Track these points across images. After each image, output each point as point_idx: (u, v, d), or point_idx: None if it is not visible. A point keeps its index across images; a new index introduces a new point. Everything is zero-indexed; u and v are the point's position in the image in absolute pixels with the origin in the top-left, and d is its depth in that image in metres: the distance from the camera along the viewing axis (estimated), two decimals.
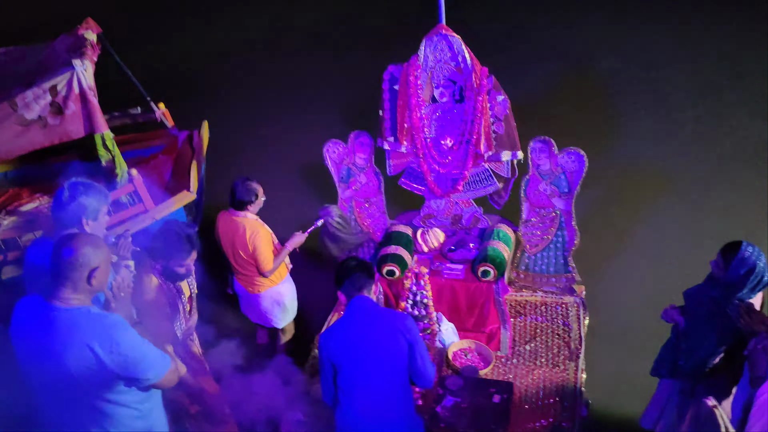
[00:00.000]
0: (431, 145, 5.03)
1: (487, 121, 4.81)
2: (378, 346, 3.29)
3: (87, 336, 2.68)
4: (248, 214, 4.58)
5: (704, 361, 3.32)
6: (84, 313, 2.73)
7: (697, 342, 3.38)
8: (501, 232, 5.06)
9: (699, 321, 3.40)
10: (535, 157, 4.87)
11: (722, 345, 3.25)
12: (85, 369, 2.71)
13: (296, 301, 4.96)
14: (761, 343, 2.74)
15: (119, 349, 2.70)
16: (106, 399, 2.82)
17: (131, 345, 2.74)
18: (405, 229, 5.26)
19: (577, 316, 5.13)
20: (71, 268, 2.69)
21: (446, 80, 4.80)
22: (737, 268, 3.23)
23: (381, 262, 4.93)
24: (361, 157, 5.28)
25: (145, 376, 2.80)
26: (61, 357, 2.69)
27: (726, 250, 3.32)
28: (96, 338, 2.68)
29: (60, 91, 4.79)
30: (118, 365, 2.72)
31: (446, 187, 5.16)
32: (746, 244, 3.28)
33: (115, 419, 2.88)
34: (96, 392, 2.79)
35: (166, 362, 2.88)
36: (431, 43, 4.69)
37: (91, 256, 2.72)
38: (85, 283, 2.73)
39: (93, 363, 2.70)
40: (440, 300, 4.90)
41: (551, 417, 4.32)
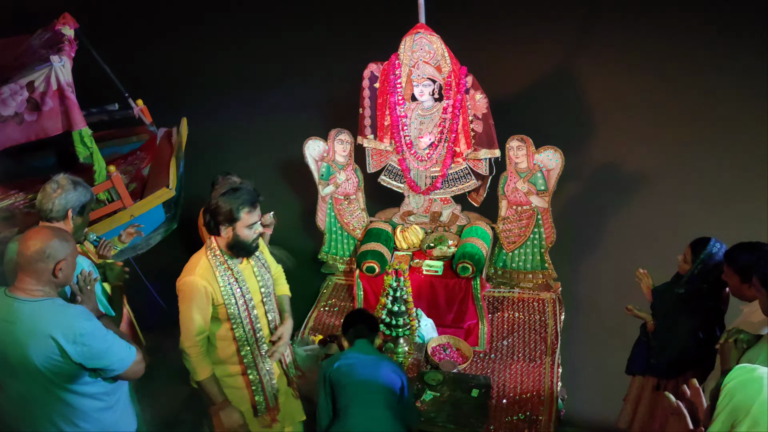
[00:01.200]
0: (411, 143, 5.07)
1: (466, 119, 4.86)
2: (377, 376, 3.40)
3: (50, 327, 2.68)
4: None
5: (675, 358, 3.40)
6: (48, 305, 2.73)
7: (666, 339, 3.46)
8: (479, 230, 5.12)
9: (668, 318, 3.48)
10: (513, 155, 4.94)
11: (691, 341, 3.33)
12: (49, 360, 2.70)
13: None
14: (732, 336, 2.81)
15: (83, 339, 2.70)
16: (71, 390, 2.82)
17: (95, 336, 2.74)
18: (384, 226, 5.30)
19: (553, 312, 5.22)
20: (37, 259, 2.70)
21: (426, 79, 4.84)
22: (707, 261, 3.31)
23: (361, 258, 4.96)
24: (341, 155, 5.30)
25: (109, 366, 2.80)
26: (25, 348, 2.69)
27: (696, 244, 3.41)
28: (60, 329, 2.68)
29: (37, 87, 4.73)
30: (82, 356, 2.71)
31: (425, 185, 5.20)
32: (714, 239, 3.37)
33: (81, 411, 2.87)
34: (61, 383, 2.78)
35: (132, 353, 2.87)
36: (411, 42, 4.73)
37: (58, 249, 2.74)
38: (50, 276, 2.74)
39: (57, 354, 2.69)
40: (419, 296, 4.95)
41: (528, 411, 4.38)
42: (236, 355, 3.32)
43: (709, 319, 3.35)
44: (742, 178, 6.51)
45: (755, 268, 2.77)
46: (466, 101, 4.81)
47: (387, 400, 3.38)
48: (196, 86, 9.28)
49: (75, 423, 2.89)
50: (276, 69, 9.59)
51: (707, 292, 3.35)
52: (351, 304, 5.37)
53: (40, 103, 4.77)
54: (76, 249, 2.90)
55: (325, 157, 5.34)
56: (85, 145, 5.00)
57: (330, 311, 5.43)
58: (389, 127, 5.05)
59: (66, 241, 2.79)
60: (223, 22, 11.28)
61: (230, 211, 3.09)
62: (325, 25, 10.67)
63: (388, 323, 4.39)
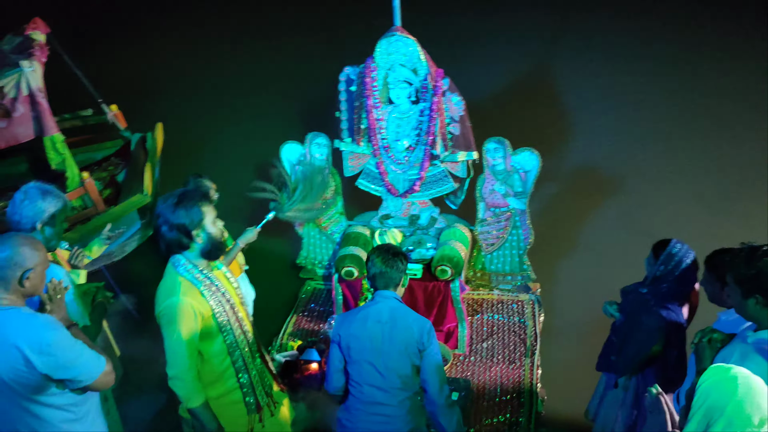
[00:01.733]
0: (388, 146, 5.06)
1: (442, 122, 4.86)
2: (391, 344, 3.21)
3: (15, 337, 2.62)
4: None
5: (632, 357, 3.42)
6: (14, 314, 2.67)
7: (626, 338, 3.48)
8: (458, 232, 5.12)
9: (629, 318, 3.50)
10: (490, 157, 4.94)
11: (649, 342, 3.34)
12: (14, 371, 2.64)
13: (252, 304, 4.92)
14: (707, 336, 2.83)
15: (49, 349, 2.63)
16: (38, 401, 2.75)
17: (62, 346, 2.68)
18: (363, 230, 5.28)
19: (532, 314, 5.23)
20: (4, 266, 2.64)
21: (402, 82, 4.83)
22: (666, 262, 3.32)
23: (339, 263, 4.94)
24: (318, 159, 5.28)
25: (77, 377, 2.73)
26: None
27: (657, 245, 3.41)
28: (25, 339, 2.62)
29: (7, 93, 4.68)
30: (48, 366, 2.65)
31: (403, 188, 5.19)
32: (676, 240, 3.36)
33: (48, 422, 2.81)
34: (26, 394, 2.72)
35: (101, 364, 2.80)
36: (387, 45, 4.72)
37: (27, 257, 2.68)
38: (17, 284, 2.68)
39: (21, 364, 2.63)
40: None
41: (508, 413, 4.39)
42: (231, 367, 3.20)
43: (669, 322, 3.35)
44: (720, 179, 6.59)
45: (728, 267, 2.78)
46: (442, 104, 4.81)
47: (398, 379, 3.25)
48: (172, 91, 9.21)
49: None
50: (252, 73, 9.55)
51: (669, 293, 3.35)
52: (330, 309, 5.34)
53: (11, 109, 4.72)
54: (47, 259, 2.83)
55: (302, 161, 5.31)
56: (57, 151, 4.95)
57: (309, 316, 5.40)
58: (366, 131, 5.03)
59: (36, 250, 2.73)
60: (199, 26, 11.23)
61: (196, 213, 2.97)
62: (301, 29, 10.66)
63: None
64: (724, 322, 3.15)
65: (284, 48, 10.15)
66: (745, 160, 6.75)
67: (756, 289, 2.61)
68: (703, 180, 6.60)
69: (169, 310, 2.95)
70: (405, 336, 3.19)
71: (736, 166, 6.68)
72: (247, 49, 10.28)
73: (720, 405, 2.13)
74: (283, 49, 10.13)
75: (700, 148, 7.05)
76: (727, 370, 2.20)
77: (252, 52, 10.15)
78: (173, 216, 2.94)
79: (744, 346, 2.65)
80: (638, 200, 6.42)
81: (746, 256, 2.68)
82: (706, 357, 2.74)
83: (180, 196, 2.97)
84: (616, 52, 9.09)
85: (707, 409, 2.16)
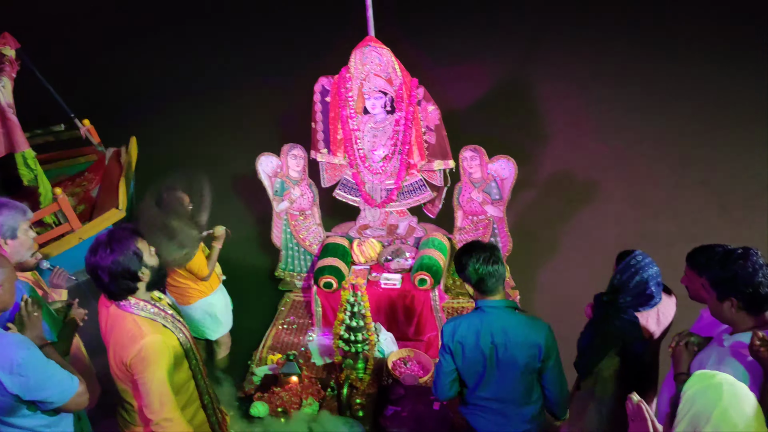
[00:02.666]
0: (364, 156, 5.06)
1: (418, 131, 4.87)
2: (509, 348, 3.11)
3: None
4: None
5: (589, 361, 3.40)
6: None
7: (584, 342, 3.48)
8: (436, 241, 5.12)
9: (592, 322, 3.49)
10: (467, 165, 4.96)
11: (604, 347, 3.31)
12: None
13: (230, 313, 4.88)
14: (683, 340, 2.84)
15: (20, 370, 2.58)
16: (9, 423, 2.69)
17: (34, 366, 2.62)
18: (341, 241, 5.26)
19: None
20: None
21: (377, 92, 4.84)
22: (623, 272, 3.29)
23: (318, 274, 4.92)
24: (294, 170, 5.26)
25: (49, 399, 2.68)
26: None
27: (619, 255, 3.38)
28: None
29: None
30: (20, 387, 2.59)
31: (381, 198, 5.19)
32: (639, 252, 3.32)
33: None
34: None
35: (74, 385, 2.74)
36: (361, 55, 4.73)
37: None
38: None
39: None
40: (378, 310, 4.92)
41: None
42: (195, 391, 3.14)
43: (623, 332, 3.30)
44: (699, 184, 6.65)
45: (705, 269, 2.79)
46: (418, 113, 4.82)
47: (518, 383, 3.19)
48: (145, 104, 9.15)
49: None
50: (226, 84, 9.52)
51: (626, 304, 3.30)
52: (309, 322, 5.31)
53: None
54: (14, 274, 2.77)
55: (278, 172, 5.29)
56: (28, 167, 4.87)
57: (289, 329, 5.35)
58: (342, 141, 5.03)
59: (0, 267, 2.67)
60: (171, 37, 11.18)
61: (133, 255, 2.82)
62: (276, 40, 10.65)
63: (347, 339, 4.34)
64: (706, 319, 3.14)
65: (259, 59, 10.14)
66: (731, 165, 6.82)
67: (731, 292, 2.63)
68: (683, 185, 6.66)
69: (145, 352, 2.81)
70: (523, 349, 3.11)
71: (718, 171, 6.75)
72: (221, 60, 10.25)
73: (706, 412, 2.13)
74: (258, 60, 10.12)
75: (679, 154, 7.13)
76: (712, 376, 2.20)
77: (226, 64, 10.13)
78: (113, 266, 2.79)
79: (720, 349, 2.66)
80: (616, 206, 6.47)
81: (721, 258, 2.70)
82: (684, 361, 2.75)
83: (110, 244, 2.80)
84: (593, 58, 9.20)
85: (693, 416, 2.15)
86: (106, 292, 2.90)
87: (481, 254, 3.12)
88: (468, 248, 3.19)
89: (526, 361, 3.12)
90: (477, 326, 3.13)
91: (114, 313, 2.90)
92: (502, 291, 3.19)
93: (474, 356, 3.15)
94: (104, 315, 2.96)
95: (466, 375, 3.24)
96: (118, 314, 2.89)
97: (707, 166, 6.83)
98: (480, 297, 3.19)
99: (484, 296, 3.17)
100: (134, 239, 2.86)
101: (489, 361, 3.15)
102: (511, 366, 3.14)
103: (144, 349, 2.81)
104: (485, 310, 3.15)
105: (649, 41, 9.43)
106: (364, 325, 4.32)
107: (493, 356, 3.13)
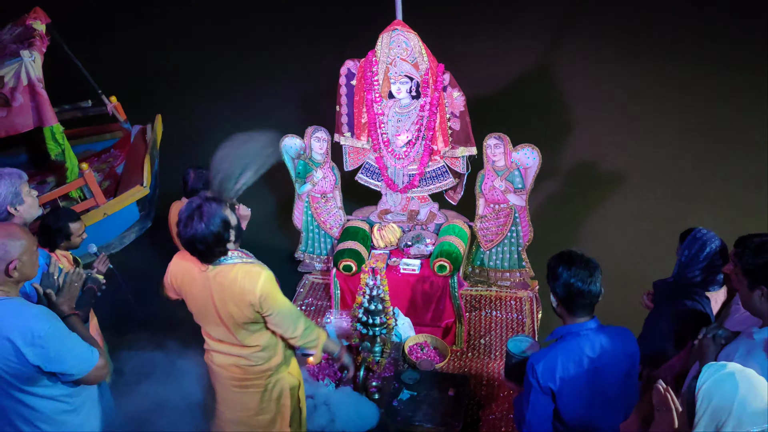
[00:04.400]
0: (388, 140, 5.05)
1: (443, 117, 4.85)
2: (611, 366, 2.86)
3: (7, 328, 2.60)
4: None
5: (652, 347, 3.38)
6: (6, 305, 2.65)
7: (648, 327, 3.45)
8: (457, 228, 5.12)
9: (654, 308, 3.47)
10: (491, 153, 4.93)
11: (669, 332, 3.31)
12: (6, 361, 2.63)
13: None
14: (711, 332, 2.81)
15: (41, 341, 2.61)
16: (31, 392, 2.73)
17: (55, 338, 2.65)
18: (362, 225, 5.28)
19: (530, 311, 5.23)
20: None
21: (403, 76, 4.82)
22: (690, 247, 3.29)
23: (338, 257, 4.94)
24: (317, 152, 5.27)
25: (68, 371, 2.71)
26: None
27: (683, 233, 3.41)
28: (17, 330, 2.60)
29: (7, 82, 4.67)
30: (40, 358, 2.63)
31: (402, 183, 5.18)
32: (700, 228, 3.36)
33: (42, 413, 2.79)
34: (18, 385, 2.70)
35: (93, 358, 2.77)
36: (388, 39, 4.71)
37: (8, 249, 2.64)
38: (5, 276, 2.65)
39: (12, 356, 2.62)
40: (397, 295, 4.92)
41: (505, 410, 4.38)
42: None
43: (694, 310, 3.30)
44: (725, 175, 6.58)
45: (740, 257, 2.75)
46: (443, 99, 4.80)
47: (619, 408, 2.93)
48: (171, 83, 9.20)
49: (36, 425, 2.80)
50: (252, 65, 9.54)
51: (696, 281, 3.30)
52: (328, 304, 5.34)
53: (10, 98, 4.71)
54: (34, 245, 2.78)
55: (301, 154, 5.30)
56: (56, 141, 4.95)
57: (307, 310, 5.39)
58: (366, 125, 5.02)
59: (16, 239, 2.68)
60: (199, 18, 11.20)
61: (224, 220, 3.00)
62: (302, 22, 10.64)
63: (364, 322, 4.36)
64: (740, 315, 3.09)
65: (285, 41, 10.14)
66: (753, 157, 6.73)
67: (762, 280, 2.59)
68: (707, 177, 6.59)
69: (267, 285, 3.08)
70: (624, 360, 2.89)
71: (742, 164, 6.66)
72: (248, 41, 10.26)
73: (726, 405, 2.09)
74: (284, 42, 10.11)
75: (703, 145, 7.04)
76: (722, 367, 2.17)
77: (253, 44, 10.14)
78: (209, 236, 2.96)
79: (750, 342, 2.61)
80: (639, 197, 6.41)
81: (756, 246, 2.66)
82: (710, 353, 2.72)
83: (202, 217, 2.94)
84: (619, 48, 9.09)
85: (713, 412, 2.11)
86: (205, 259, 3.07)
87: (580, 270, 2.82)
88: (567, 259, 2.90)
89: (627, 371, 2.92)
90: (576, 355, 2.82)
91: (220, 272, 3.08)
92: (591, 311, 2.89)
93: (578, 387, 2.84)
94: (203, 281, 3.12)
95: (569, 408, 2.89)
96: (224, 270, 3.08)
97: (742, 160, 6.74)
98: (569, 317, 2.89)
99: (573, 317, 2.87)
100: (221, 207, 3.01)
101: (594, 384, 2.85)
102: (615, 381, 2.90)
103: (266, 281, 3.08)
104: (581, 334, 2.85)
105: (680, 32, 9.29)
106: (382, 309, 4.34)
107: (599, 379, 2.85)
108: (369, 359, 4.37)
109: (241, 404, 3.41)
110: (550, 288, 2.94)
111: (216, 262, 3.08)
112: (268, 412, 3.43)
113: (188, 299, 3.24)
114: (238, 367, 3.30)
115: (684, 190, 6.44)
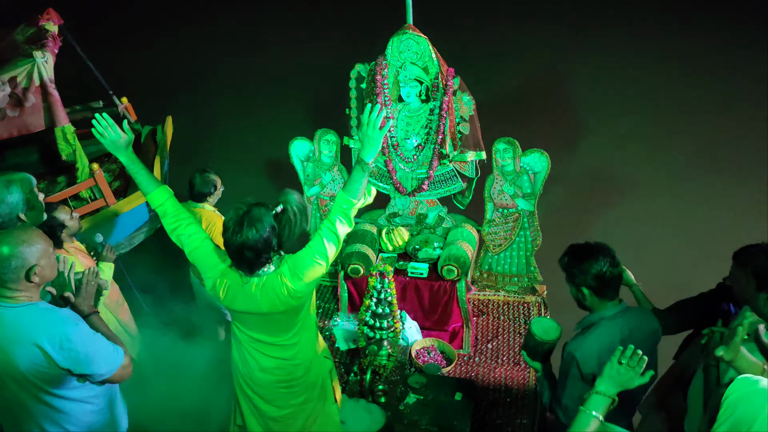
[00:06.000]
0: (397, 144, 5.05)
1: (452, 121, 4.85)
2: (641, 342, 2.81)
3: (35, 334, 2.61)
4: (206, 206, 4.56)
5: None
6: (30, 311, 2.66)
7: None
8: (465, 232, 5.11)
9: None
10: (500, 157, 4.92)
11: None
12: (35, 367, 2.65)
13: None
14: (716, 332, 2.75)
15: (69, 345, 2.63)
16: (60, 396, 2.76)
17: (82, 341, 2.67)
18: (370, 228, 5.28)
19: (538, 315, 5.21)
20: (7, 270, 2.59)
21: (413, 80, 4.82)
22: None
23: (345, 260, 4.94)
24: (327, 155, 5.27)
25: (98, 371, 2.74)
26: (9, 356, 2.62)
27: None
28: (45, 336, 2.62)
29: (20, 82, 4.70)
30: (70, 361, 2.65)
31: (411, 187, 5.18)
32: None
33: (71, 415, 2.82)
34: (48, 389, 2.73)
35: (119, 357, 2.80)
36: (398, 43, 4.71)
37: (26, 256, 2.61)
38: (25, 282, 2.64)
39: (42, 361, 2.64)
40: (404, 298, 4.93)
41: (512, 414, 4.37)
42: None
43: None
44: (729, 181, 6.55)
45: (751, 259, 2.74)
46: (453, 103, 4.80)
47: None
48: (182, 84, 9.24)
49: (64, 427, 2.84)
50: (262, 68, 9.56)
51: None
52: (335, 307, 5.34)
53: (23, 98, 4.74)
54: (50, 247, 2.76)
55: (310, 157, 5.31)
56: (67, 142, 4.97)
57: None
58: None
59: (33, 245, 2.65)
60: (209, 20, 11.24)
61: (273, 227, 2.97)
62: (312, 25, 10.66)
63: (372, 325, 4.36)
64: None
65: (295, 43, 10.16)
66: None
67: None
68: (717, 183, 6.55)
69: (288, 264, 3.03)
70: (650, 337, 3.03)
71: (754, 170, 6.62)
72: (257, 44, 10.29)
73: (747, 420, 2.06)
74: (293, 44, 10.14)
75: (718, 152, 7.00)
76: (756, 382, 2.14)
77: (263, 47, 10.16)
78: (259, 243, 2.87)
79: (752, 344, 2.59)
80: (648, 203, 6.39)
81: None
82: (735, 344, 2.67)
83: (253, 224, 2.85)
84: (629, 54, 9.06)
85: (734, 423, 2.09)
86: (252, 267, 2.94)
87: (606, 257, 2.99)
88: (587, 252, 3.06)
89: (651, 347, 3.01)
90: (611, 338, 2.93)
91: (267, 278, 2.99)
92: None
93: None
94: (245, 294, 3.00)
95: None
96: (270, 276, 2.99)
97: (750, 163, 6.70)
98: (600, 305, 3.03)
99: (604, 303, 3.01)
100: (268, 214, 2.95)
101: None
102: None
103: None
104: (614, 318, 2.99)
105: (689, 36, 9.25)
106: (389, 312, 4.34)
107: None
108: (376, 362, 4.37)
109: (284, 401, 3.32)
110: (575, 285, 3.06)
111: (257, 273, 2.97)
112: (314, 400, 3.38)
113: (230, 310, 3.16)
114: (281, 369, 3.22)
115: (696, 196, 6.41)
